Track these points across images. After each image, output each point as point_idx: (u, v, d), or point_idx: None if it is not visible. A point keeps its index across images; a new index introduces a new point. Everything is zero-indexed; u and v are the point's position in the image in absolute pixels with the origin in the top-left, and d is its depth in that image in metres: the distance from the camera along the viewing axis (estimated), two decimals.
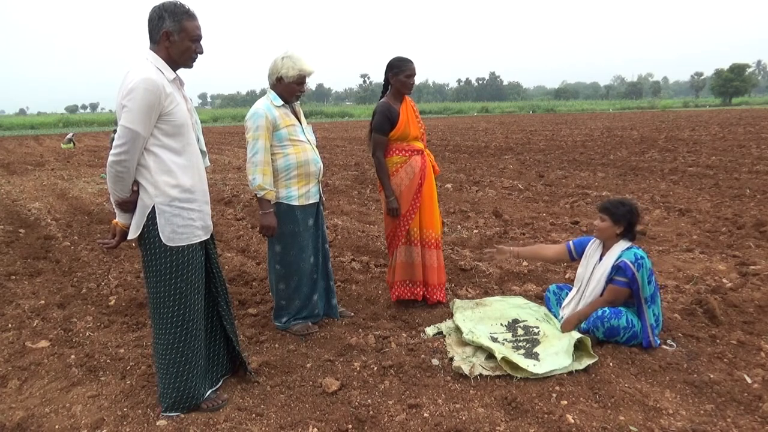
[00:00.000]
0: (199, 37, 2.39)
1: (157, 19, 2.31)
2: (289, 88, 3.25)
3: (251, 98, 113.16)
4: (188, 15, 2.35)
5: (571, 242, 3.47)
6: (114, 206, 2.41)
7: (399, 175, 3.65)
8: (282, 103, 3.26)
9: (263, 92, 3.45)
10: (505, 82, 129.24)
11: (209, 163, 2.72)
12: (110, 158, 2.27)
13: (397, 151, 3.66)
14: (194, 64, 2.46)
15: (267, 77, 3.30)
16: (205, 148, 2.66)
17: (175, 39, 2.33)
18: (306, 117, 3.59)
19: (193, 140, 2.48)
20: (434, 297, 3.78)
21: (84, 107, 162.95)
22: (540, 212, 6.90)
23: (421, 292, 3.77)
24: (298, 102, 3.48)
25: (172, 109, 2.31)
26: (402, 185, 3.64)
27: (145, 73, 2.23)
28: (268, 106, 3.23)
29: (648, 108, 57.56)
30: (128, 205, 2.37)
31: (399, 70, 3.60)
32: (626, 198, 3.27)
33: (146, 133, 2.26)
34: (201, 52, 2.44)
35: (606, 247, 3.21)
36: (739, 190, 7.69)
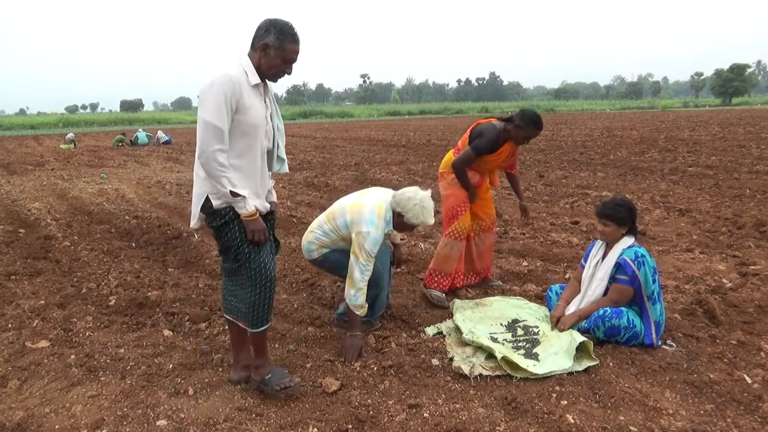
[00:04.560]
0: (292, 60, 2.49)
1: (264, 30, 2.43)
2: (402, 226, 3.22)
3: None
4: (292, 38, 2.45)
5: (582, 260, 3.46)
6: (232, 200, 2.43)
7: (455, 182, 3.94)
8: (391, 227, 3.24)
9: None
10: (505, 82, 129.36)
11: (287, 170, 2.82)
12: (196, 154, 2.37)
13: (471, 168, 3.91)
14: (278, 80, 2.58)
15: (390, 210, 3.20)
16: (284, 156, 2.75)
17: (271, 53, 2.43)
18: (306, 117, 3.61)
19: (257, 146, 2.54)
20: (480, 277, 4.18)
21: (84, 107, 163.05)
22: (540, 212, 6.90)
23: (448, 285, 3.97)
24: None
25: (244, 110, 2.40)
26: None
27: (225, 70, 2.36)
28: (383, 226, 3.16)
29: (648, 108, 57.54)
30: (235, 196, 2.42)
31: (529, 130, 3.71)
32: (618, 197, 3.27)
33: (221, 125, 2.33)
34: (289, 74, 2.56)
35: (609, 247, 3.23)
36: (739, 190, 7.69)
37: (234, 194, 2.40)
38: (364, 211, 3.14)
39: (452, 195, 3.95)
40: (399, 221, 3.18)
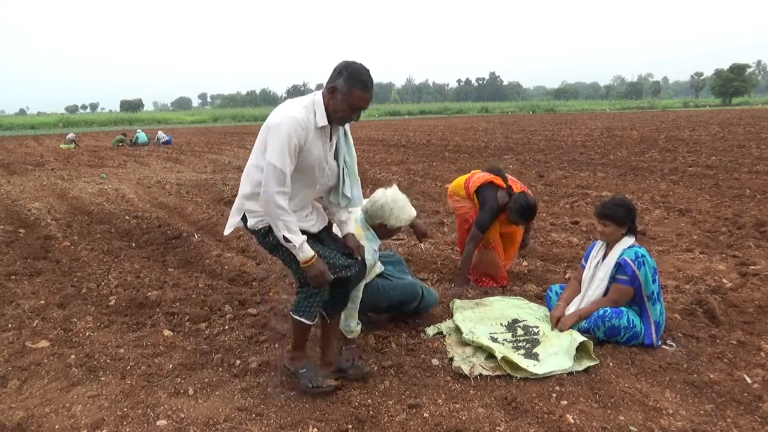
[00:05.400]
0: (360, 108, 2.45)
1: (337, 72, 2.41)
2: (389, 232, 3.24)
3: (251, 98, 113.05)
4: (363, 85, 2.40)
5: (582, 260, 3.47)
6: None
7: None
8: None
9: (263, 92, 3.44)
10: (505, 82, 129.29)
11: (359, 205, 2.85)
12: (260, 195, 2.40)
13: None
14: (346, 124, 2.59)
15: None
16: (350, 193, 2.73)
17: (338, 97, 2.41)
18: None
19: (312, 186, 2.59)
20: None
21: (84, 107, 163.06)
22: (540, 212, 6.89)
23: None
24: None
25: (305, 153, 2.43)
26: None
27: (292, 112, 2.38)
28: None
29: (648, 108, 57.56)
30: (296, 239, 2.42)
31: (515, 218, 3.85)
32: (617, 197, 3.27)
33: (284, 168, 2.36)
34: (356, 120, 2.52)
35: (609, 247, 3.23)
36: (739, 190, 7.69)
37: (287, 239, 2.41)
38: None
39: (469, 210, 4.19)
40: (383, 231, 3.17)
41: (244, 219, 2.60)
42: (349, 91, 2.38)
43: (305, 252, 2.43)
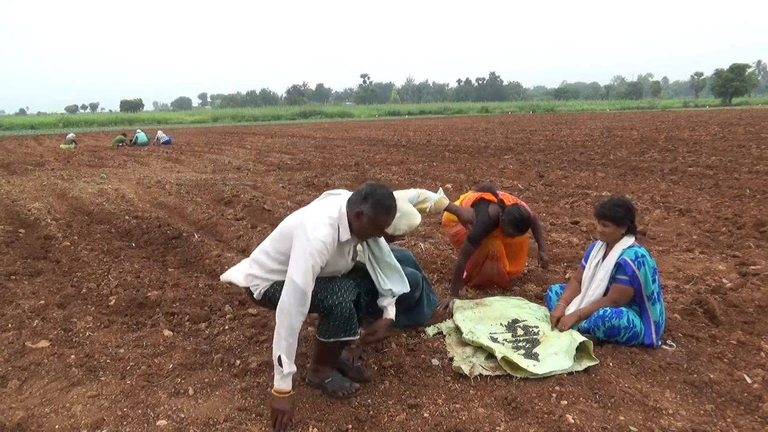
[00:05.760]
0: (383, 229, 2.59)
1: (362, 198, 2.50)
2: (392, 239, 3.23)
3: (251, 98, 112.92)
4: (386, 211, 2.51)
5: (582, 260, 3.47)
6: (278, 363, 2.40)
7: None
8: None
9: (263, 92, 3.44)
10: (505, 82, 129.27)
11: (389, 299, 2.81)
12: (278, 306, 2.41)
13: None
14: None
15: None
16: (387, 288, 2.77)
17: (364, 221, 2.51)
18: (306, 117, 3.62)
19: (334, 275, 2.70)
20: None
21: (84, 107, 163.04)
22: (540, 212, 6.89)
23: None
24: None
25: (328, 265, 2.53)
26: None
27: (322, 235, 2.44)
28: None
29: (648, 108, 57.57)
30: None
31: (510, 230, 3.83)
32: (617, 197, 3.28)
33: (307, 289, 2.40)
34: (379, 236, 2.69)
35: (609, 247, 3.23)
36: (739, 190, 7.69)
37: (280, 362, 2.38)
38: None
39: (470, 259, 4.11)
40: (386, 237, 3.15)
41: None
42: (375, 216, 2.49)
43: (287, 383, 2.38)
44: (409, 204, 3.22)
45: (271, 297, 2.63)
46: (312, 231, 2.44)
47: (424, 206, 3.50)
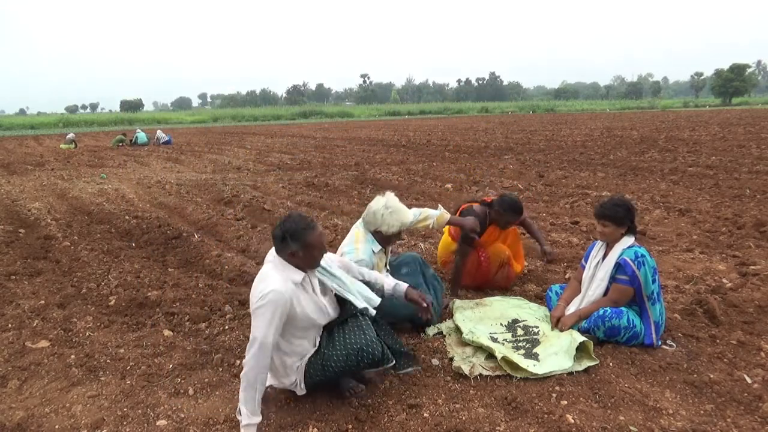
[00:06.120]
0: (323, 245, 2.51)
1: (281, 241, 2.44)
2: (387, 239, 3.30)
3: (251, 98, 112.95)
4: (310, 229, 2.44)
5: (582, 260, 3.47)
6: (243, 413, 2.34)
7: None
8: None
9: (263, 92, 3.46)
10: (505, 82, 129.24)
11: (375, 305, 2.75)
12: (244, 364, 2.34)
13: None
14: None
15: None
16: (368, 299, 2.69)
17: (301, 255, 2.46)
18: (306, 117, 3.67)
19: (313, 330, 2.58)
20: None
21: (84, 107, 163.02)
22: (540, 212, 6.90)
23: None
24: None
25: (296, 313, 2.44)
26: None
27: (273, 285, 2.36)
28: None
29: (648, 108, 57.55)
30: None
31: (508, 216, 3.85)
32: (616, 197, 3.28)
33: (270, 341, 2.34)
34: (324, 253, 2.56)
35: (609, 247, 3.23)
36: (739, 190, 7.69)
37: (242, 412, 2.33)
38: (343, 246, 3.30)
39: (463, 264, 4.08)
40: (381, 237, 3.29)
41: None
42: (306, 243, 2.43)
43: (247, 430, 2.32)
44: (400, 203, 3.29)
45: (313, 374, 2.54)
46: (261, 289, 2.37)
47: (427, 223, 3.56)
